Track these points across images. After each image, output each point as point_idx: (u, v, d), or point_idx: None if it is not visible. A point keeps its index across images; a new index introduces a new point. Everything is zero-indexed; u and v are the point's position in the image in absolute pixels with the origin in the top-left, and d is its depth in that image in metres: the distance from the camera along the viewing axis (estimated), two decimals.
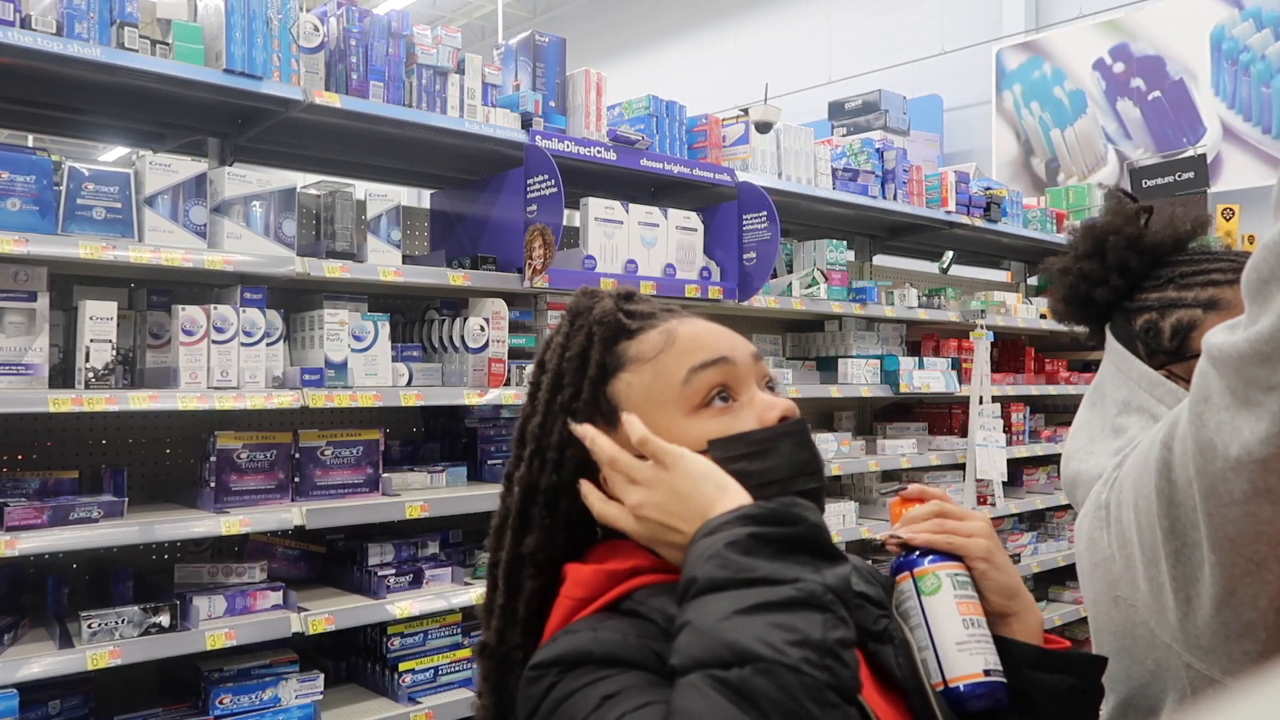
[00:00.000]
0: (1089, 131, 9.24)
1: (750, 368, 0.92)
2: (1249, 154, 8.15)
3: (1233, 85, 8.33)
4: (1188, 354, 1.20)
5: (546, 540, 0.89)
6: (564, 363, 0.93)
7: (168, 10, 2.47)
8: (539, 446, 0.91)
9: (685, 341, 0.91)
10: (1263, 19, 8.16)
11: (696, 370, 0.89)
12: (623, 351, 0.92)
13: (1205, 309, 1.19)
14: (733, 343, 0.93)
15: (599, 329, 0.92)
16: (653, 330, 0.93)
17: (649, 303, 0.98)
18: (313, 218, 2.98)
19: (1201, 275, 1.21)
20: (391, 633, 2.70)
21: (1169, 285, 1.22)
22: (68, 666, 2.12)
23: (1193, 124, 8.53)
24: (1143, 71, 8.88)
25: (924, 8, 10.32)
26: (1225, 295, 1.18)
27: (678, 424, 0.89)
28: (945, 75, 10.08)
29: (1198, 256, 1.24)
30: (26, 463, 2.56)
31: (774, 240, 3.36)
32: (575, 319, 0.95)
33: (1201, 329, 1.18)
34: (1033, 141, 9.61)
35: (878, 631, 0.92)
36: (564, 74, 3.22)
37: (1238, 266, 1.17)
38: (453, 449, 3.19)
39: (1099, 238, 1.27)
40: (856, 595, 0.93)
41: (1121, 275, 1.25)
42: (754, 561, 0.73)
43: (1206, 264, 1.22)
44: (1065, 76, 9.36)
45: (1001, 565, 0.95)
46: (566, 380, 0.92)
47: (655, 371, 0.90)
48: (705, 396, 0.89)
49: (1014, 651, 0.92)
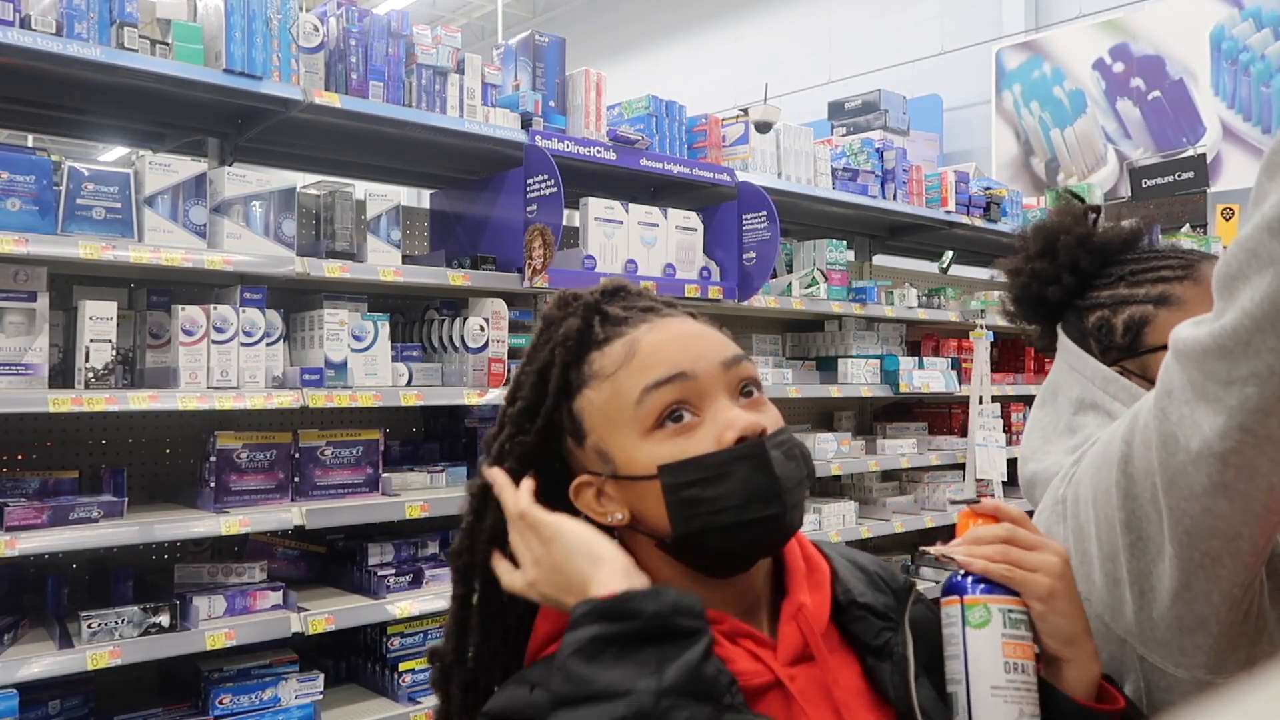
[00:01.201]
0: (1089, 131, 9.24)
1: (716, 379, 0.86)
2: (1249, 154, 8.15)
3: (1232, 85, 8.33)
4: (1141, 349, 1.21)
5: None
6: (522, 375, 0.91)
7: (167, 10, 2.47)
8: (499, 454, 0.90)
9: (644, 356, 0.86)
10: (1262, 19, 8.17)
11: (649, 390, 0.84)
12: (587, 365, 0.88)
13: (1157, 305, 1.21)
14: (697, 353, 0.86)
15: (560, 352, 0.88)
16: (618, 341, 0.87)
17: (634, 299, 0.92)
18: (312, 218, 2.98)
19: (1152, 272, 1.22)
20: (391, 633, 2.70)
21: (1120, 283, 1.24)
22: (68, 666, 2.12)
23: (1192, 124, 8.53)
24: (1142, 71, 8.88)
25: (924, 8, 10.32)
26: (1176, 291, 1.20)
27: (632, 446, 0.85)
28: (945, 75, 10.08)
29: (1147, 254, 1.25)
30: (26, 463, 2.56)
31: (774, 240, 3.36)
32: (544, 330, 0.92)
33: (1154, 325, 1.20)
34: (1032, 141, 9.61)
35: (877, 646, 0.88)
36: (564, 74, 3.22)
37: (1187, 263, 1.21)
38: (452, 449, 3.19)
39: (1050, 237, 1.28)
40: (859, 607, 0.90)
41: (1073, 273, 1.26)
42: (593, 672, 0.74)
43: (1156, 261, 1.23)
44: (1065, 76, 9.36)
45: (1063, 610, 0.87)
46: (522, 394, 0.90)
47: (613, 389, 0.86)
48: (658, 417, 0.84)
49: (1055, 700, 0.87)
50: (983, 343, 4.11)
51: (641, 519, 0.87)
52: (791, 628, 0.87)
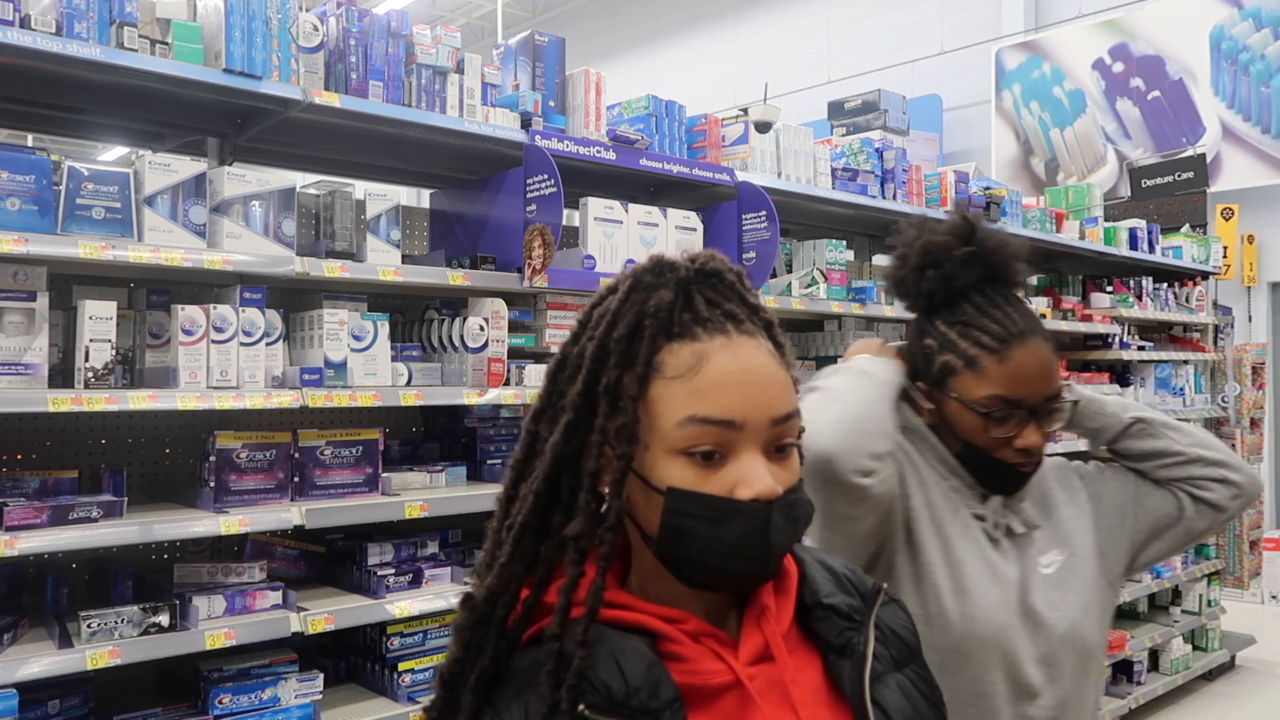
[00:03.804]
0: (1088, 131, 9.24)
1: (759, 433, 0.85)
2: (1248, 154, 8.15)
3: (1232, 85, 8.33)
4: (939, 391, 1.40)
5: (590, 526, 0.84)
6: (610, 341, 0.86)
7: (167, 10, 2.47)
8: (575, 419, 0.86)
9: (705, 379, 0.84)
10: (1262, 19, 8.17)
11: (695, 421, 0.83)
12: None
13: (966, 365, 1.37)
14: (754, 402, 0.84)
15: (651, 323, 0.85)
16: (689, 345, 0.85)
17: (722, 297, 0.89)
18: (312, 217, 2.98)
19: (979, 331, 1.37)
20: (391, 632, 2.70)
21: (955, 326, 1.39)
22: (67, 666, 2.12)
23: (1192, 124, 8.53)
24: (1142, 71, 8.88)
25: (923, 8, 10.32)
26: (983, 360, 1.35)
27: (655, 454, 0.85)
28: (945, 75, 10.08)
29: (987, 312, 1.39)
30: (26, 462, 2.56)
31: (773, 240, 3.36)
32: (632, 292, 0.88)
33: (957, 378, 1.37)
34: (1032, 141, 9.61)
35: (839, 645, 0.92)
36: (563, 74, 3.22)
37: (1005, 339, 1.35)
38: (452, 449, 3.19)
39: (924, 261, 1.42)
40: (823, 608, 0.93)
41: (928, 300, 1.43)
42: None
43: (989, 321, 1.37)
44: (1065, 76, 9.36)
45: None
46: (612, 362, 0.85)
47: (665, 394, 0.85)
48: (688, 447, 0.84)
49: None
50: None
51: (636, 511, 0.88)
52: (753, 629, 0.90)
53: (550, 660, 0.80)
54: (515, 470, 0.90)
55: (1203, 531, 1.52)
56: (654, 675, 0.82)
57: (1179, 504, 1.50)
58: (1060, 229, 5.08)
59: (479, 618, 0.85)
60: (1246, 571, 6.19)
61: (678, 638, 0.86)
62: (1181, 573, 5.48)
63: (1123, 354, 5.15)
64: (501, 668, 0.85)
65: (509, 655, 0.86)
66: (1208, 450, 1.50)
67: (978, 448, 1.39)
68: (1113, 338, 5.13)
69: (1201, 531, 1.51)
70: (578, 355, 0.88)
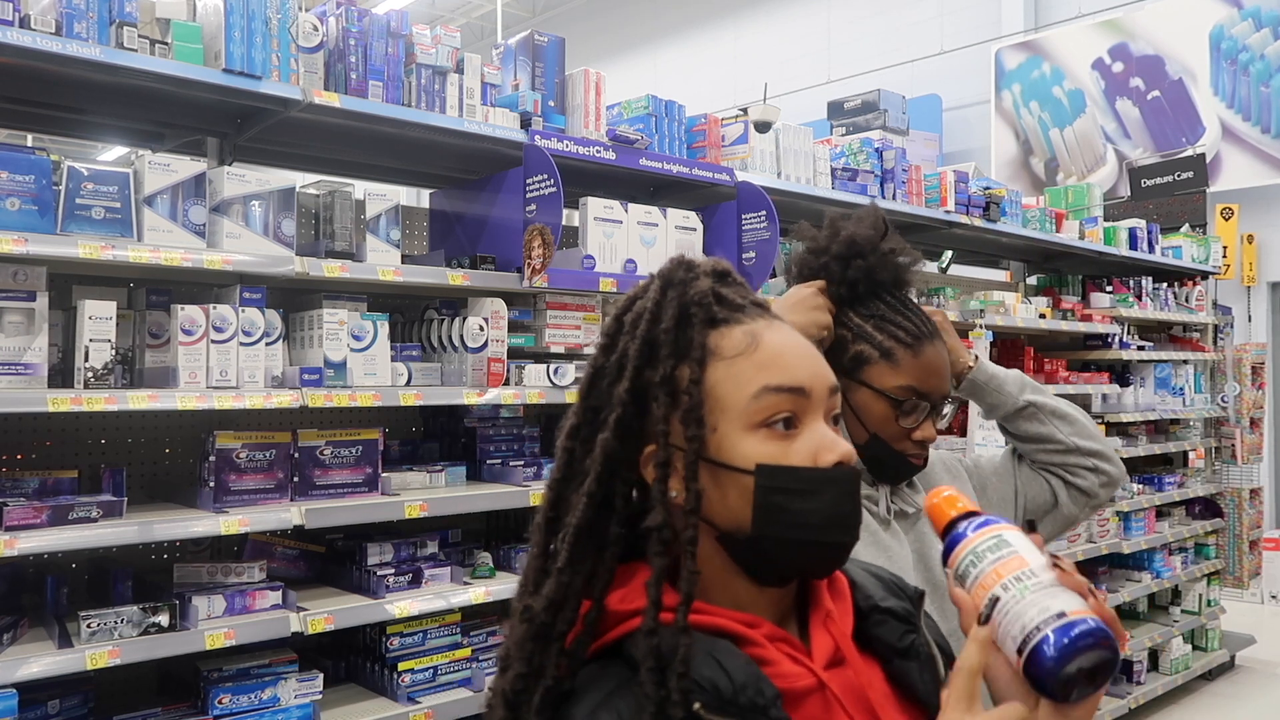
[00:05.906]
0: (1088, 131, 9.24)
1: (822, 401, 0.87)
2: (1248, 153, 8.15)
3: (1232, 85, 8.33)
4: (849, 379, 1.45)
5: (667, 516, 0.83)
6: (659, 333, 0.86)
7: (167, 10, 2.47)
8: (624, 414, 0.85)
9: (767, 353, 0.86)
10: (1262, 18, 8.17)
11: (770, 390, 0.85)
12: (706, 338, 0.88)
13: (881, 355, 1.44)
14: (815, 371, 0.88)
15: (698, 310, 0.87)
16: (737, 328, 0.87)
17: (740, 290, 0.92)
18: (312, 217, 2.98)
19: (894, 326, 1.44)
20: (391, 632, 2.70)
21: (871, 320, 1.46)
22: (67, 666, 2.12)
23: (1192, 123, 8.54)
24: (1142, 71, 8.89)
25: (923, 8, 10.33)
26: (898, 352, 1.43)
27: (733, 434, 0.85)
28: (944, 75, 10.08)
29: (904, 307, 1.47)
30: (26, 462, 2.56)
31: (773, 240, 3.36)
32: (667, 289, 0.89)
33: (871, 367, 1.44)
34: (1032, 141, 9.61)
35: (903, 648, 0.90)
36: (563, 74, 3.22)
37: (919, 336, 1.43)
38: (452, 449, 3.19)
39: (849, 251, 1.46)
40: (880, 612, 0.92)
41: (850, 290, 1.47)
42: None
43: (901, 319, 1.45)
44: (1064, 76, 9.36)
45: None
46: (664, 353, 0.85)
47: (729, 373, 0.85)
48: (768, 418, 0.85)
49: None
50: (982, 342, 4.11)
51: (715, 506, 0.86)
52: (822, 632, 0.89)
53: (649, 657, 0.77)
54: (554, 489, 0.88)
55: (1075, 517, 1.68)
56: (754, 672, 0.80)
57: (1053, 491, 1.67)
58: (1060, 229, 5.08)
59: (539, 630, 0.82)
60: (1246, 571, 6.19)
61: (759, 640, 0.84)
62: (1181, 573, 5.48)
63: (1122, 354, 5.15)
64: (565, 686, 0.82)
65: (573, 673, 0.83)
66: (1085, 440, 1.65)
67: (881, 439, 1.46)
68: (1112, 337, 5.13)
69: (1074, 517, 1.68)
70: (619, 358, 0.88)
